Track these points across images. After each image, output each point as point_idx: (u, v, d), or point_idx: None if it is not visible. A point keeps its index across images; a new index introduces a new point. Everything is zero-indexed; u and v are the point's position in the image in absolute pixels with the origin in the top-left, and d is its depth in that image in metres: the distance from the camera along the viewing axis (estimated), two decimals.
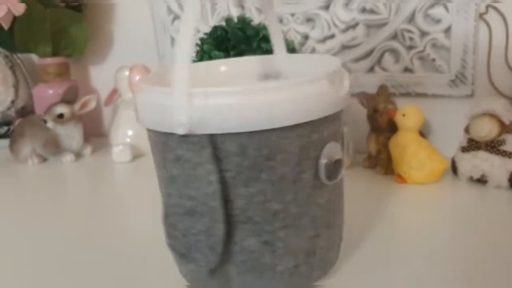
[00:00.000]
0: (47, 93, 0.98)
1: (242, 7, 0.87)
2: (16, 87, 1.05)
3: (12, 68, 1.04)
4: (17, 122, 0.97)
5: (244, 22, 0.74)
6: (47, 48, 0.98)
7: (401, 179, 0.69)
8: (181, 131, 0.36)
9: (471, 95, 0.76)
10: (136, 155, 0.89)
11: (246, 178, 0.38)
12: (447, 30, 0.75)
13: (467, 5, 0.72)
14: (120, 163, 0.88)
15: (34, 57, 1.08)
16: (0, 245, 0.57)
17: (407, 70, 0.79)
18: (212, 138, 0.37)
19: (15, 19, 0.89)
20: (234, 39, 0.73)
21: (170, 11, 0.94)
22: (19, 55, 1.06)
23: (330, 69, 0.41)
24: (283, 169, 0.38)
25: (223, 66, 0.56)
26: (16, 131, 0.91)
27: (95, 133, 1.07)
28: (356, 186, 0.69)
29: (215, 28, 0.75)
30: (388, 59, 0.80)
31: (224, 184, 0.38)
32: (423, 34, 0.77)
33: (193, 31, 0.37)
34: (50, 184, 0.80)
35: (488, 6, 0.72)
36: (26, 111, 1.05)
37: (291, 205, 0.40)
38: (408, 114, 0.68)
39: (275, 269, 0.41)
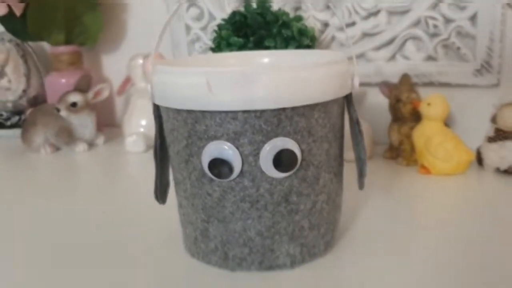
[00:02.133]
0: (59, 82, 0.96)
1: None
2: (27, 76, 1.03)
3: (24, 57, 1.03)
4: (28, 111, 0.96)
5: (263, 7, 0.72)
6: (60, 36, 0.96)
7: (425, 170, 0.67)
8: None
9: (497, 85, 0.73)
10: (150, 145, 0.87)
11: (168, 144, 0.45)
12: (473, 18, 0.73)
13: None
14: (133, 153, 0.86)
15: (45, 46, 1.07)
16: (14, 234, 0.56)
17: (430, 58, 0.77)
18: (158, 108, 0.45)
19: (27, 6, 0.88)
20: (253, 25, 0.71)
21: None
22: (31, 43, 1.05)
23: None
24: (178, 145, 0.43)
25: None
26: (29, 120, 0.90)
27: (107, 123, 1.05)
28: (377, 176, 0.68)
29: (234, 14, 0.73)
30: (410, 47, 0.78)
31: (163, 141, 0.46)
32: (448, 21, 0.74)
33: None
34: (63, 173, 0.78)
35: None
36: (37, 101, 1.04)
37: (187, 181, 0.44)
38: (434, 104, 0.66)
39: (185, 230, 0.47)
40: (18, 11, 0.86)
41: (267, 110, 0.39)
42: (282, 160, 0.40)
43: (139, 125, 0.88)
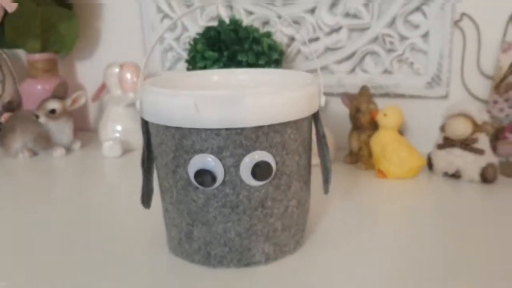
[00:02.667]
0: (35, 89, 1.00)
1: (231, 7, 0.91)
2: (2, 82, 1.05)
3: None
4: (3, 116, 0.98)
5: (236, 23, 0.78)
6: (36, 44, 0.99)
7: (381, 174, 0.75)
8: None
9: (446, 97, 0.82)
10: (126, 150, 0.92)
11: (155, 155, 0.50)
12: (425, 35, 0.80)
13: (443, 12, 0.78)
14: (110, 157, 0.90)
15: (20, 53, 1.10)
16: None
17: (386, 72, 0.84)
18: (147, 123, 0.50)
19: (5, 15, 0.91)
20: (227, 40, 0.77)
21: (159, 10, 0.97)
22: (5, 50, 1.07)
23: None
24: (166, 157, 0.48)
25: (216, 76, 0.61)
26: (7, 126, 0.93)
27: (81, 127, 1.10)
28: (339, 180, 0.74)
29: (208, 29, 0.79)
30: (369, 61, 0.85)
31: (150, 153, 0.52)
32: (403, 38, 0.82)
33: None
34: (41, 178, 0.81)
35: (462, 14, 0.78)
36: (12, 106, 1.06)
37: (174, 189, 0.49)
38: (390, 114, 0.73)
39: (170, 233, 0.53)
40: None
41: (247, 128, 0.45)
42: (260, 170, 0.46)
43: (115, 130, 0.93)
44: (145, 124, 0.51)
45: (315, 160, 0.73)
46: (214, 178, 0.46)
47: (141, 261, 0.52)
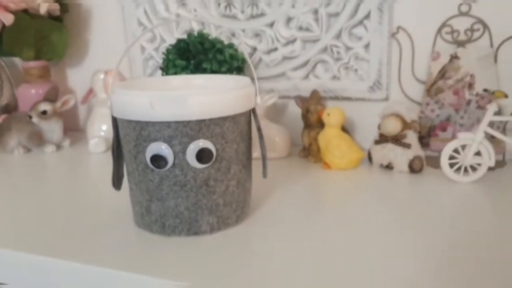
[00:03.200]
0: (30, 92, 1.11)
1: (202, 23, 1.03)
2: (0, 86, 1.17)
3: None
4: (1, 117, 1.09)
5: (202, 36, 0.90)
6: (30, 53, 1.11)
7: (327, 165, 0.86)
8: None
9: (386, 99, 0.93)
10: (109, 147, 1.03)
11: (122, 144, 0.62)
12: (367, 46, 0.92)
13: (381, 26, 0.90)
14: (95, 153, 1.02)
15: (16, 60, 1.21)
16: None
17: (335, 78, 0.96)
18: (116, 119, 0.61)
19: (3, 27, 1.03)
20: (194, 51, 0.89)
21: (140, 23, 1.09)
22: (3, 58, 1.19)
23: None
24: (129, 145, 0.59)
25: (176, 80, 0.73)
26: (4, 126, 1.04)
27: (72, 128, 1.21)
28: (292, 171, 0.86)
29: (179, 41, 0.91)
30: (320, 68, 0.97)
31: (118, 143, 0.63)
32: (348, 48, 0.94)
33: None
34: (34, 171, 0.92)
35: (398, 27, 0.90)
36: (9, 108, 1.18)
37: (136, 172, 0.60)
38: (332, 114, 0.85)
39: (134, 208, 0.64)
40: None
41: (192, 121, 0.56)
42: (202, 155, 0.58)
43: (100, 129, 1.04)
44: (114, 120, 0.62)
45: (273, 154, 0.85)
46: (166, 162, 0.57)
47: (112, 233, 0.63)
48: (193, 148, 0.57)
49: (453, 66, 0.87)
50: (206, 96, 0.57)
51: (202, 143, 0.57)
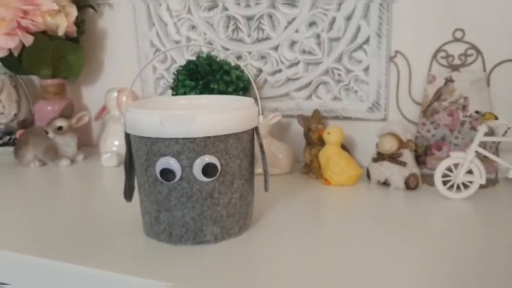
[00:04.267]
0: (46, 109, 1.16)
1: (210, 43, 1.09)
2: (18, 102, 1.23)
3: (16, 87, 1.23)
4: (18, 132, 1.14)
5: (210, 58, 0.95)
6: (48, 71, 1.16)
7: (327, 181, 0.90)
8: None
9: (384, 119, 0.97)
10: (121, 161, 1.07)
11: (134, 158, 0.66)
12: (366, 69, 0.96)
13: (380, 50, 0.95)
14: (107, 167, 1.06)
15: (34, 78, 1.27)
16: (5, 235, 0.71)
17: (336, 98, 1.00)
18: (129, 135, 0.65)
19: (23, 48, 1.09)
20: (202, 72, 0.94)
21: (152, 44, 1.15)
22: (22, 76, 1.24)
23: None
24: (141, 160, 0.64)
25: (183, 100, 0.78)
26: (21, 140, 1.09)
27: (86, 143, 1.25)
28: (293, 186, 0.89)
29: (188, 62, 0.96)
30: (322, 89, 1.01)
31: (131, 157, 0.67)
32: (348, 71, 0.98)
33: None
34: (49, 183, 0.95)
35: (396, 52, 0.95)
36: (26, 123, 1.23)
37: (146, 184, 0.64)
38: (332, 132, 0.89)
39: (144, 218, 0.68)
40: (16, 53, 1.07)
41: (198, 138, 0.61)
42: (208, 170, 0.62)
43: (113, 145, 1.09)
44: (127, 136, 0.67)
45: (276, 170, 0.89)
46: (174, 175, 0.62)
47: (122, 241, 0.67)
48: (199, 163, 0.62)
49: (448, 88, 0.91)
50: (212, 115, 0.61)
51: (207, 158, 0.62)
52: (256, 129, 0.69)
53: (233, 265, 0.60)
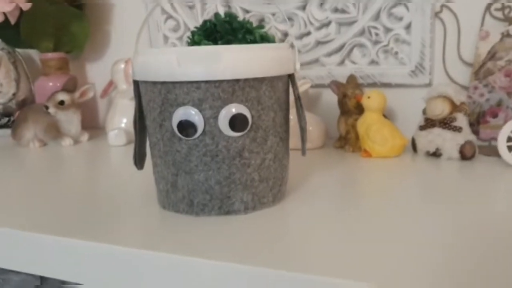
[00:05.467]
0: (47, 85, 1.07)
1: (228, 7, 0.97)
2: (17, 81, 1.13)
3: (14, 63, 1.13)
4: (17, 113, 1.05)
5: (231, 16, 0.84)
6: (49, 44, 1.07)
7: (366, 153, 0.79)
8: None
9: (429, 84, 0.86)
10: (130, 140, 0.98)
11: (145, 114, 0.56)
12: (408, 27, 0.86)
13: (424, 4, 0.83)
14: (115, 146, 0.96)
15: (33, 54, 1.17)
16: (3, 218, 0.62)
17: (373, 62, 0.90)
18: (138, 85, 0.56)
19: (21, 15, 0.99)
20: (222, 31, 0.83)
21: (163, 11, 1.04)
22: (20, 52, 1.15)
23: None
24: (154, 113, 0.53)
25: None
26: (20, 117, 0.99)
27: (91, 125, 1.16)
28: (328, 161, 0.78)
29: (205, 22, 0.85)
30: (356, 53, 0.91)
31: (141, 113, 0.57)
32: (387, 30, 0.87)
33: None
34: (51, 163, 0.86)
35: (442, 6, 0.83)
36: (26, 103, 1.13)
37: (161, 142, 0.54)
38: (373, 97, 0.78)
39: (159, 186, 0.57)
40: (13, 19, 0.96)
41: (224, 81, 0.50)
42: (236, 122, 0.51)
43: (121, 122, 0.99)
44: (136, 87, 0.56)
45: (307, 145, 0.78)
46: (195, 129, 0.51)
47: (135, 215, 0.56)
48: (225, 114, 0.51)
49: (504, 45, 0.79)
50: (242, 52, 0.50)
51: (236, 108, 0.51)
52: (292, 77, 0.57)
53: (266, 240, 0.48)
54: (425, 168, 0.73)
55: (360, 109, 0.81)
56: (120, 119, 0.99)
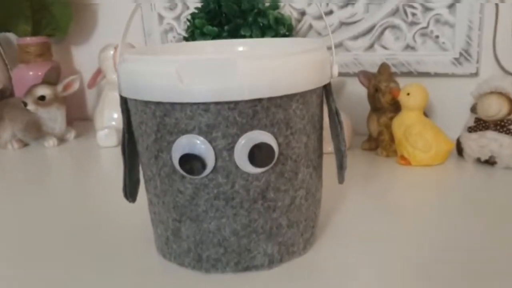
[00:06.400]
0: (27, 75, 0.94)
1: None
2: None
3: None
4: None
5: None
6: (27, 27, 0.93)
7: (404, 160, 0.67)
8: None
9: (476, 74, 0.74)
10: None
11: (136, 138, 0.43)
12: (452, 6, 0.73)
13: None
14: (105, 147, 0.84)
15: (12, 37, 1.03)
16: None
17: (408, 47, 0.77)
18: (126, 100, 0.43)
19: None
20: (228, 13, 0.69)
21: None
22: None
23: None
24: (147, 140, 0.41)
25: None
26: None
27: (78, 117, 1.04)
28: (359, 169, 0.66)
29: (208, 2, 0.71)
30: (388, 36, 0.78)
31: (131, 135, 0.44)
32: (426, 9, 0.75)
33: None
34: (32, 170, 0.75)
35: None
36: (5, 95, 1.00)
37: (157, 178, 0.41)
38: (413, 93, 0.65)
39: (156, 230, 0.45)
40: None
41: (241, 101, 0.37)
42: (258, 154, 0.38)
43: (111, 118, 0.86)
44: (124, 102, 0.43)
45: (326, 147, 0.65)
46: (203, 165, 0.38)
47: (128, 265, 0.45)
48: (244, 144, 0.38)
49: None
50: (267, 61, 0.37)
51: (258, 135, 0.38)
52: (327, 87, 0.44)
53: None
54: (477, 179, 0.62)
55: (396, 106, 0.69)
56: (110, 114, 0.86)
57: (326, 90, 0.44)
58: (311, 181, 0.43)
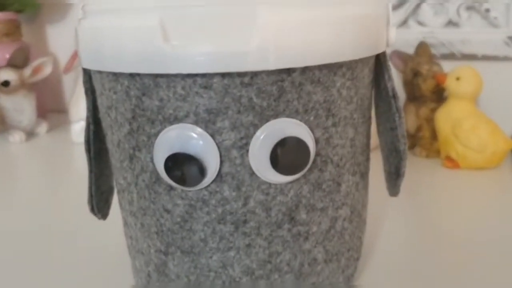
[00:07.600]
0: None
1: None
2: None
3: None
4: None
5: None
6: None
7: (451, 163, 0.56)
8: None
9: None
10: None
11: (104, 130, 0.30)
12: None
13: None
14: (81, 143, 0.73)
15: None
16: None
17: (451, 24, 0.66)
18: (90, 75, 0.31)
19: None
20: None
21: None
22: None
23: None
24: (118, 133, 0.28)
25: None
26: None
27: (54, 108, 0.94)
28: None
29: None
30: (426, 10, 0.67)
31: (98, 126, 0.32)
32: None
33: None
34: None
35: None
36: None
37: (133, 189, 0.29)
38: (465, 78, 0.54)
39: (134, 262, 0.32)
40: None
41: (261, 73, 0.24)
42: (285, 155, 0.25)
43: None
44: (88, 79, 0.30)
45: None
46: (202, 170, 0.25)
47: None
48: (264, 139, 0.25)
49: None
50: (300, 13, 0.24)
51: (285, 126, 0.25)
52: (381, 58, 0.31)
53: None
54: None
55: (439, 95, 0.58)
56: None
57: (380, 63, 0.31)
58: (358, 194, 0.30)
